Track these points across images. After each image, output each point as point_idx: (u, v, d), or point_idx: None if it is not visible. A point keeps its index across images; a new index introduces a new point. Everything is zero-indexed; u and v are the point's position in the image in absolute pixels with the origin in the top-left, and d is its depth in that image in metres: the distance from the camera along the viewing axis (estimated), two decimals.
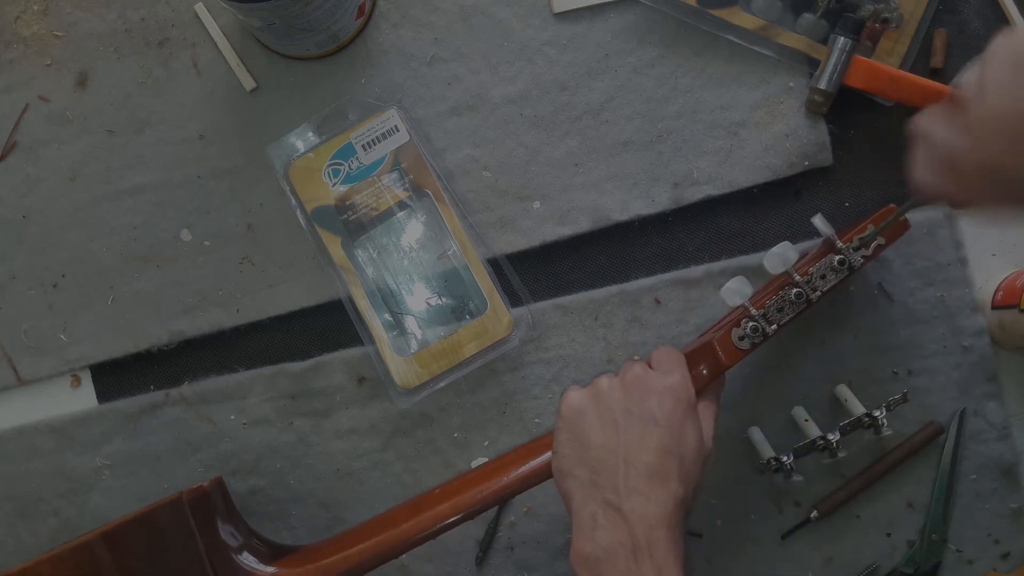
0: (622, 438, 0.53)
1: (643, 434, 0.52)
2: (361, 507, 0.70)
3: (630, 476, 0.51)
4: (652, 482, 0.51)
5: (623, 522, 0.50)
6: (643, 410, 0.53)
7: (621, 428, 0.53)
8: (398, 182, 0.69)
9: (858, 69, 0.67)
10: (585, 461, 0.53)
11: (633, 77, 0.70)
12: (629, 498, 0.51)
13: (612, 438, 0.53)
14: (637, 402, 0.54)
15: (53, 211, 0.71)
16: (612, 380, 0.56)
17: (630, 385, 0.55)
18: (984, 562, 0.69)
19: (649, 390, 0.54)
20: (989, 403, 0.69)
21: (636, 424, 0.53)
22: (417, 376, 0.68)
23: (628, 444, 0.52)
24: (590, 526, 0.51)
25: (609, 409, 0.54)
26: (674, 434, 0.53)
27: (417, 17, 0.71)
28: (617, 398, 0.54)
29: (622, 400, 0.54)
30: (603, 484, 0.52)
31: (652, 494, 0.51)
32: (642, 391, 0.54)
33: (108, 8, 0.72)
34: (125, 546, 0.60)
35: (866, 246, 0.61)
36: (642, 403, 0.54)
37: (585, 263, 0.71)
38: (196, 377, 0.71)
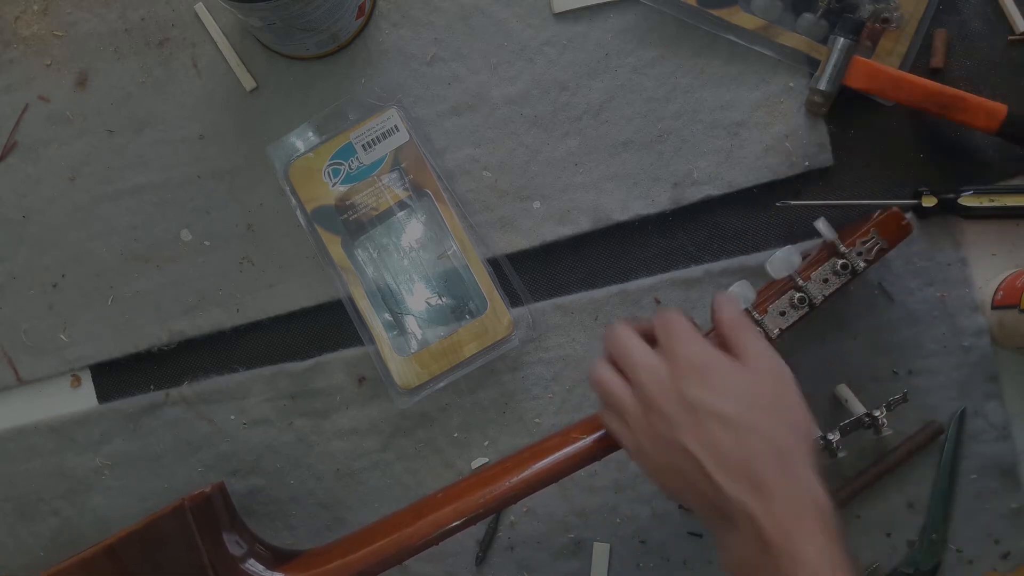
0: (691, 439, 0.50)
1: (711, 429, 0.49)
2: (361, 507, 0.70)
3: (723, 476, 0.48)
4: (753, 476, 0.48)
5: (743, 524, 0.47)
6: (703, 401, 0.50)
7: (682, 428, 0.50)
8: (398, 182, 0.69)
9: (858, 69, 0.67)
10: (673, 480, 0.51)
11: (633, 77, 0.70)
12: (736, 494, 0.47)
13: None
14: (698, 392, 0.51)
15: (53, 211, 0.71)
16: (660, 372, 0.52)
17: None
18: (984, 562, 0.69)
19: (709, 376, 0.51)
20: (989, 403, 0.69)
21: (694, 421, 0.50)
22: (417, 376, 0.68)
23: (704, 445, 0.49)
24: (722, 537, 0.49)
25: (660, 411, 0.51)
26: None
27: (417, 17, 0.71)
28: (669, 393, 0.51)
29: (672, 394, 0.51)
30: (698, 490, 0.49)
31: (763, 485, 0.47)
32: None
33: (108, 8, 0.72)
34: (128, 559, 0.60)
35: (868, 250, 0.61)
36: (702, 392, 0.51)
37: (585, 263, 0.71)
38: (196, 377, 0.71)
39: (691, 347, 0.52)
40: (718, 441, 0.49)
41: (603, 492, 0.69)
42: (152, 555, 0.60)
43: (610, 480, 0.69)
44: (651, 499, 0.69)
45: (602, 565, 0.69)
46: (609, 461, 0.64)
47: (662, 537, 0.69)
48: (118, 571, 0.60)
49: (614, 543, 0.69)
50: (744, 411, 0.50)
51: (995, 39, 0.70)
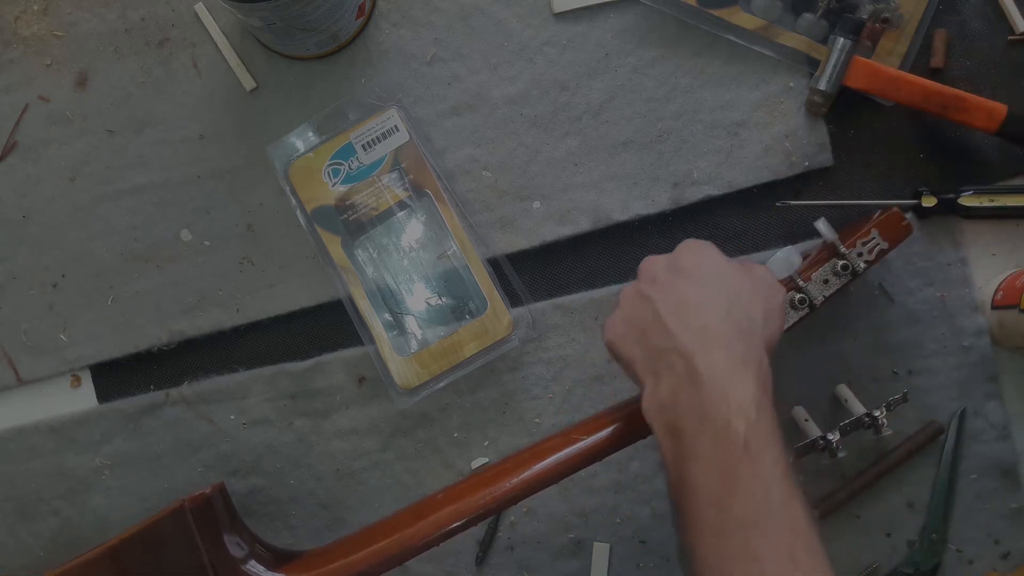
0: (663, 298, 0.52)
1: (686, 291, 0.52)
2: (361, 507, 0.70)
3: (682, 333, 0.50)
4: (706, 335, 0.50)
5: (682, 365, 0.49)
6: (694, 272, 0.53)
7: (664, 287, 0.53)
8: (398, 182, 0.69)
9: (858, 70, 0.67)
10: (631, 331, 0.53)
11: (633, 77, 0.70)
12: (683, 338, 0.49)
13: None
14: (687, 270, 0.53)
15: (53, 211, 0.71)
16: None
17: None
18: (984, 562, 0.69)
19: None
20: (989, 403, 0.69)
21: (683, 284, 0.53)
22: (417, 376, 0.68)
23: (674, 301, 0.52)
24: (653, 382, 0.50)
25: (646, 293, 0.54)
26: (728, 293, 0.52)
27: (417, 17, 0.71)
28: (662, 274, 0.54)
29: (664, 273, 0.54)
30: (654, 342, 0.51)
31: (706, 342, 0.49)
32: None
33: (108, 8, 0.72)
34: (129, 561, 0.60)
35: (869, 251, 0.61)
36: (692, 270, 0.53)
37: (585, 263, 0.71)
38: (196, 377, 0.71)
39: (696, 242, 0.56)
40: (683, 295, 0.52)
41: (603, 492, 0.69)
42: (153, 557, 0.60)
43: (610, 480, 0.69)
44: (651, 499, 0.69)
45: (602, 565, 0.69)
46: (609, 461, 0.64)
47: (662, 537, 0.69)
48: (119, 573, 0.60)
49: (614, 543, 0.69)
50: (714, 279, 0.52)
51: (995, 39, 0.70)
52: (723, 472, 0.46)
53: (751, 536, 0.44)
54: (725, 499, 0.45)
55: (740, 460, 0.45)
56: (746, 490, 0.45)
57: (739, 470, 0.45)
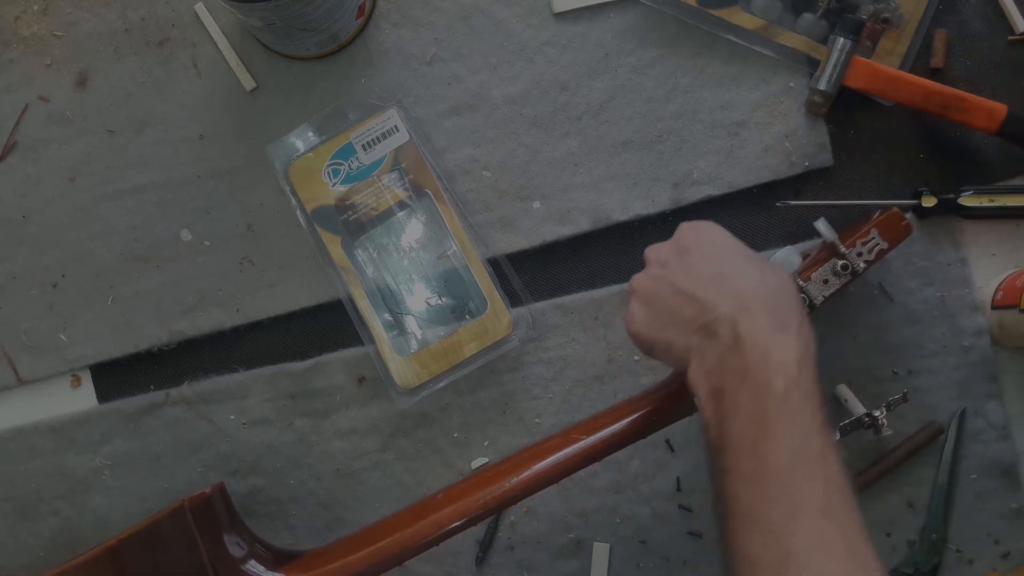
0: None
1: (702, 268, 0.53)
2: (361, 507, 0.70)
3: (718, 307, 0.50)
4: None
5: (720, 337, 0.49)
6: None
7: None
8: (398, 182, 0.69)
9: (858, 70, 0.67)
10: (658, 317, 0.53)
11: (633, 77, 0.70)
12: (723, 308, 0.50)
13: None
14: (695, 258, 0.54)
15: (53, 211, 0.71)
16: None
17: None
18: (984, 562, 0.69)
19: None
20: (989, 403, 0.69)
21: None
22: (417, 376, 0.68)
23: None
24: (699, 355, 0.50)
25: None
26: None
27: (417, 17, 0.71)
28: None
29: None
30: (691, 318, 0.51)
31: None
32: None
33: (108, 8, 0.72)
34: (129, 560, 0.60)
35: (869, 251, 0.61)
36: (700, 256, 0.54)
37: (585, 263, 0.71)
38: (196, 377, 0.71)
39: (693, 222, 0.56)
40: (698, 267, 0.52)
41: (603, 492, 0.69)
42: (153, 556, 0.60)
43: (610, 480, 0.69)
44: (651, 499, 0.69)
45: (602, 565, 0.69)
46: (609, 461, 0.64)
47: (662, 537, 0.69)
48: (119, 573, 0.60)
49: (614, 543, 0.69)
50: (733, 252, 0.53)
51: (995, 39, 0.70)
52: (762, 423, 0.46)
53: (787, 483, 0.45)
54: (763, 447, 0.46)
55: (779, 412, 0.46)
56: (784, 439, 0.46)
57: (778, 421, 0.46)
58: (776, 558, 0.44)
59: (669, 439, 0.69)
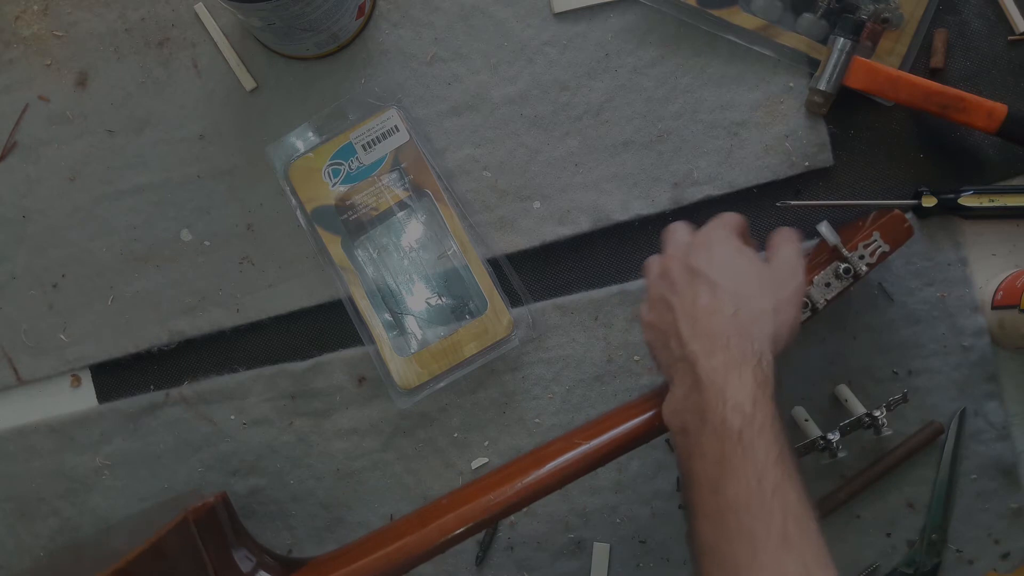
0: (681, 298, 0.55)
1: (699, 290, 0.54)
2: (361, 507, 0.70)
3: (688, 330, 0.53)
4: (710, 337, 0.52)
5: (691, 370, 0.51)
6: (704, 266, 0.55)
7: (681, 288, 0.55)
8: (398, 182, 0.69)
9: (858, 70, 0.67)
10: (659, 337, 0.56)
11: (633, 77, 0.70)
12: (691, 346, 0.52)
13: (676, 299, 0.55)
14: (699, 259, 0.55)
15: (53, 211, 0.71)
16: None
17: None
18: (984, 562, 0.69)
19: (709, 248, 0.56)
20: (989, 403, 0.69)
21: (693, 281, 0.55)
22: (417, 376, 0.68)
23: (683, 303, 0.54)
24: (671, 388, 0.53)
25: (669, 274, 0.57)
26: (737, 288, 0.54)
27: (417, 17, 0.71)
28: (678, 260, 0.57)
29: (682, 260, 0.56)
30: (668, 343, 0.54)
31: (711, 345, 0.52)
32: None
33: (108, 8, 0.72)
34: None
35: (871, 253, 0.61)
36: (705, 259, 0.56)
37: (585, 263, 0.71)
38: (196, 377, 0.71)
39: (717, 231, 0.57)
40: (697, 300, 0.54)
41: (603, 492, 0.69)
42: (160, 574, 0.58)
43: (610, 480, 0.69)
44: (651, 499, 0.69)
45: (602, 565, 0.69)
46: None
47: (662, 537, 0.69)
48: None
49: (614, 543, 0.69)
50: (727, 278, 0.54)
51: (995, 39, 0.70)
52: (720, 462, 0.48)
53: (744, 518, 0.47)
54: (720, 485, 0.48)
55: (734, 450, 0.48)
56: (739, 476, 0.48)
57: (733, 459, 0.48)
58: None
59: (669, 439, 0.69)
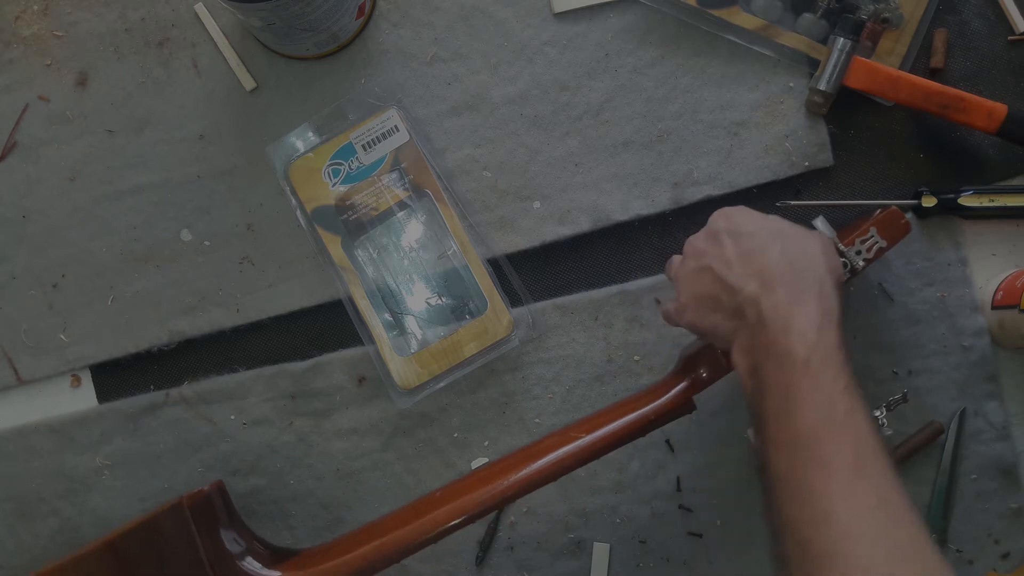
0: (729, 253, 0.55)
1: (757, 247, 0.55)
2: (361, 507, 0.70)
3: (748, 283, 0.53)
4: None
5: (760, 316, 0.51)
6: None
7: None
8: (398, 182, 0.69)
9: (858, 70, 0.67)
10: (703, 303, 0.56)
11: (633, 77, 0.70)
12: (747, 289, 0.52)
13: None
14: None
15: (53, 211, 0.71)
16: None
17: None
18: (984, 562, 0.69)
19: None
20: (989, 403, 0.69)
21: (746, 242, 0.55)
22: (417, 376, 0.68)
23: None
24: (738, 336, 0.53)
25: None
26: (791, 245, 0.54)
27: (417, 17, 0.71)
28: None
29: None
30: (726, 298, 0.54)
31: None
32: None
33: (108, 8, 0.72)
34: (127, 555, 0.60)
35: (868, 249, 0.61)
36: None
37: (585, 263, 0.71)
38: (196, 377, 0.71)
39: (725, 209, 0.59)
40: (728, 250, 0.55)
41: (603, 492, 0.69)
42: (150, 552, 0.60)
43: (610, 480, 0.69)
44: (651, 499, 0.69)
45: (602, 565, 0.69)
46: (609, 461, 0.64)
47: (662, 537, 0.69)
48: (116, 568, 0.60)
49: (614, 543, 0.69)
50: (756, 228, 0.55)
51: (995, 39, 0.70)
52: (788, 392, 0.49)
53: (817, 446, 0.47)
54: (790, 416, 0.48)
55: (801, 380, 0.48)
56: (808, 406, 0.48)
57: (801, 387, 0.48)
58: (813, 518, 0.46)
59: (669, 439, 0.69)
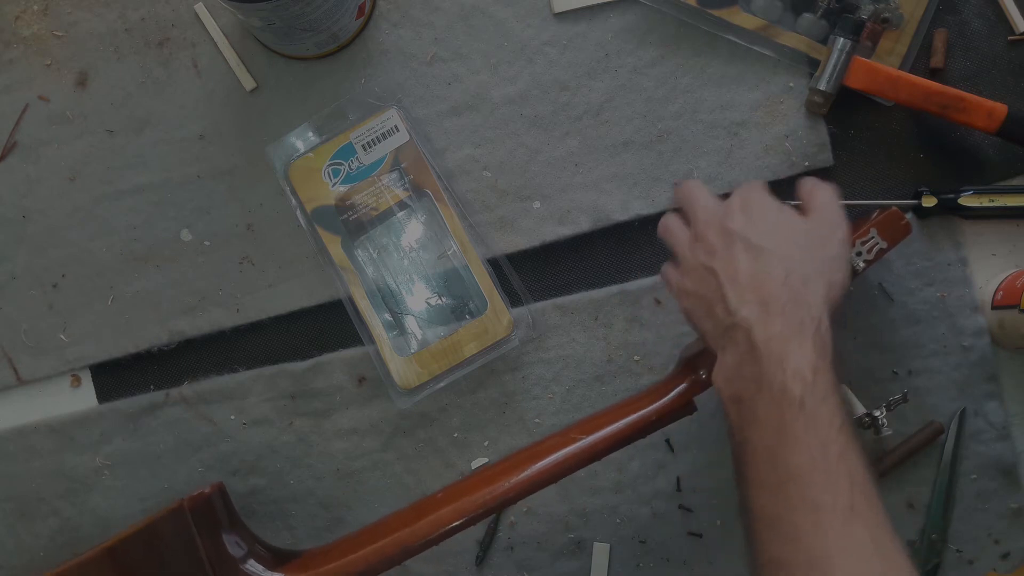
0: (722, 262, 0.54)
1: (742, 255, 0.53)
2: (361, 507, 0.70)
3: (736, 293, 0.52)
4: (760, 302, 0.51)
5: (744, 336, 0.50)
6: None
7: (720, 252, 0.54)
8: (398, 182, 0.69)
9: (858, 70, 0.67)
10: (700, 304, 0.55)
11: (633, 77, 0.70)
12: (742, 313, 0.50)
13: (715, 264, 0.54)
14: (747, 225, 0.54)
15: (53, 211, 0.71)
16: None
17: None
18: (984, 562, 0.69)
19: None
20: (989, 403, 0.69)
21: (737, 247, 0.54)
22: (417, 376, 0.68)
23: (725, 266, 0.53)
24: (721, 355, 0.52)
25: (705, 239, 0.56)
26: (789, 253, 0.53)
27: (417, 17, 0.71)
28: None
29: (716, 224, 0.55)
30: (714, 309, 0.53)
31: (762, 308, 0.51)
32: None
33: (108, 8, 0.72)
34: (128, 560, 0.60)
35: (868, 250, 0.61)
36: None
37: (585, 263, 0.71)
38: (196, 377, 0.71)
39: (751, 192, 0.56)
40: (739, 263, 0.52)
41: (603, 492, 0.69)
42: (152, 556, 0.60)
43: (610, 480, 0.69)
44: (651, 499, 0.69)
45: (602, 565, 0.69)
46: (609, 461, 0.64)
47: (662, 537, 0.69)
48: (118, 572, 0.60)
49: (614, 543, 0.69)
50: (771, 241, 0.53)
51: (995, 39, 0.70)
52: (779, 430, 0.47)
53: (808, 488, 0.45)
54: (782, 455, 0.46)
55: (796, 418, 0.46)
56: (801, 445, 0.46)
57: (795, 427, 0.46)
58: (805, 561, 0.44)
59: (669, 439, 0.69)
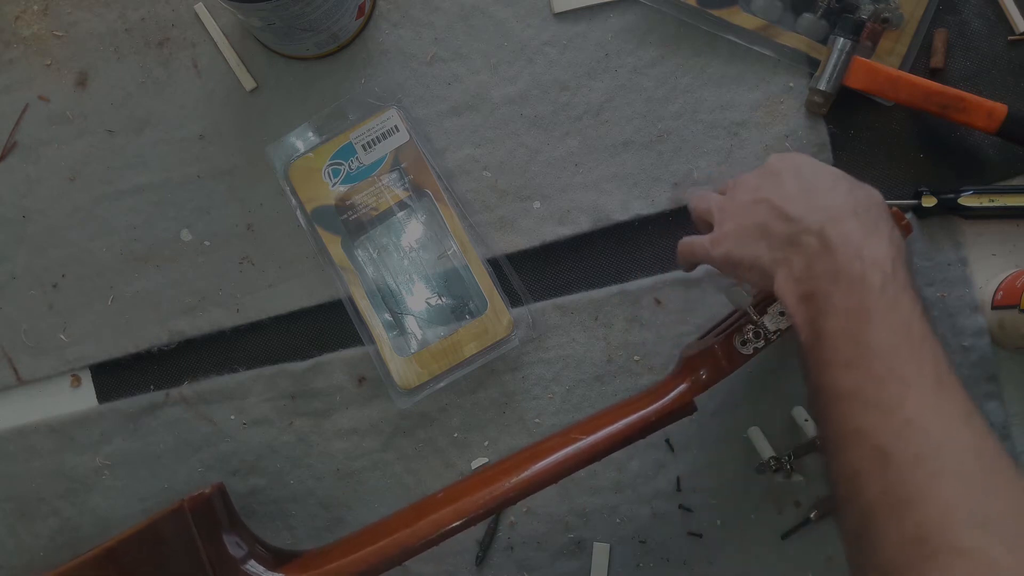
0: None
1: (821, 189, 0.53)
2: (361, 507, 0.70)
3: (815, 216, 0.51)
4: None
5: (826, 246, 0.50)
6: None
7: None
8: (398, 182, 0.69)
9: (858, 70, 0.67)
10: (749, 234, 0.55)
11: (633, 77, 0.70)
12: (811, 219, 0.51)
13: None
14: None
15: (53, 211, 0.71)
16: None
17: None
18: None
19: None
20: (989, 403, 0.69)
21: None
22: (417, 376, 0.68)
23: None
24: (786, 266, 0.52)
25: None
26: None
27: (417, 17, 0.71)
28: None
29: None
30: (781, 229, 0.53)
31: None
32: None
33: (108, 8, 0.72)
34: (128, 561, 0.60)
35: None
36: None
37: (585, 263, 0.71)
38: (196, 377, 0.71)
39: (782, 154, 0.57)
40: (789, 187, 0.53)
41: (603, 492, 0.69)
42: (152, 557, 0.60)
43: (610, 480, 0.69)
44: (651, 499, 0.69)
45: (602, 565, 0.69)
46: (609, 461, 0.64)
47: (662, 537, 0.69)
48: (118, 573, 0.60)
49: (614, 543, 0.69)
50: (822, 171, 0.54)
51: (995, 39, 0.70)
52: (861, 314, 0.47)
53: (894, 362, 0.45)
54: (865, 335, 0.46)
55: (878, 302, 0.46)
56: (886, 323, 0.46)
57: (877, 310, 0.46)
58: (893, 427, 0.44)
59: (669, 439, 0.69)
